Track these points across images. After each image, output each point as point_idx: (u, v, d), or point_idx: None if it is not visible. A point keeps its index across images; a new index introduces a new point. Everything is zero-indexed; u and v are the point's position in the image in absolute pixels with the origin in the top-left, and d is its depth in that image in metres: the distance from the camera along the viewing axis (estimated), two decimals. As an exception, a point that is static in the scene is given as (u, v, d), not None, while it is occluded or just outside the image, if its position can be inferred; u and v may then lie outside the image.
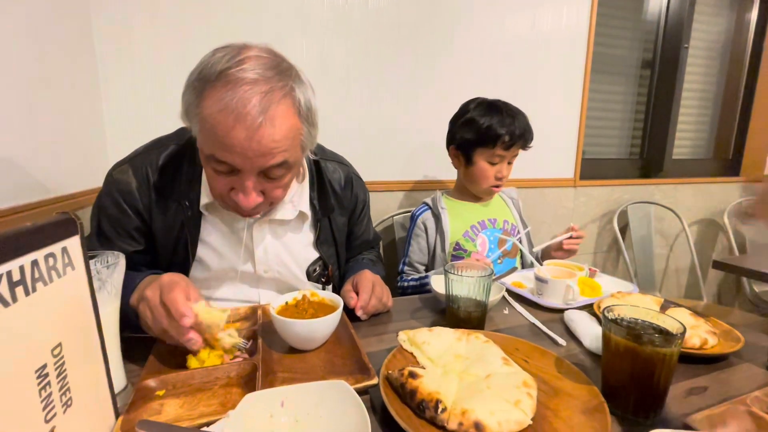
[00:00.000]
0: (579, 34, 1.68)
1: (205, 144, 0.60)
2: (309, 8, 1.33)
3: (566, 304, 0.80)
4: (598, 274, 0.98)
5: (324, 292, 0.69)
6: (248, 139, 0.56)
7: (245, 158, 0.58)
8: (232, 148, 0.57)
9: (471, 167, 1.13)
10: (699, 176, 2.15)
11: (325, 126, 1.42)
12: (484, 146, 1.09)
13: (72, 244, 0.38)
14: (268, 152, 0.59)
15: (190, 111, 0.60)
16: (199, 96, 0.58)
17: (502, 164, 1.12)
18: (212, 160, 0.60)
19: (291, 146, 0.62)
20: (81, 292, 0.39)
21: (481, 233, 1.16)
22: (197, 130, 0.60)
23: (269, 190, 0.65)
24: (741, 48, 2.21)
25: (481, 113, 1.09)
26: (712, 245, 2.23)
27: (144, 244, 0.74)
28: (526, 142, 1.11)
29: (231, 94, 0.55)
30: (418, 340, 0.59)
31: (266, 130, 0.57)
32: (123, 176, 0.71)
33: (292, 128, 0.61)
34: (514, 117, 1.08)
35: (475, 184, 1.16)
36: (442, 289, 0.77)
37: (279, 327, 0.59)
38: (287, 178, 0.66)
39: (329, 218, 0.85)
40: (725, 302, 2.35)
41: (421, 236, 1.18)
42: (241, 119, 0.55)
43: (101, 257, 0.50)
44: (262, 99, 0.56)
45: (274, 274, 0.80)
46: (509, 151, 1.10)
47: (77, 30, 1.08)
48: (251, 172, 0.61)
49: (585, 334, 0.66)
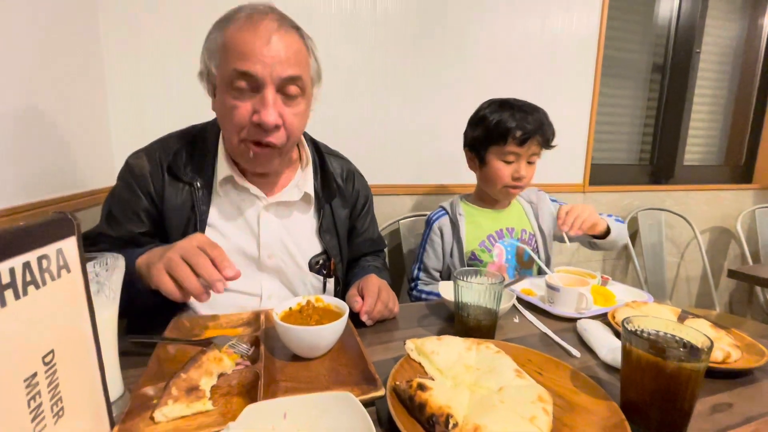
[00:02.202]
0: (589, 37, 1.66)
1: (228, 63, 0.65)
2: (316, 12, 1.32)
3: (579, 314, 0.77)
4: (610, 282, 0.95)
5: (329, 298, 0.66)
6: (265, 44, 0.64)
7: (264, 64, 0.64)
8: (252, 53, 0.63)
9: (485, 168, 1.08)
10: (710, 183, 2.11)
11: (333, 128, 1.44)
12: (496, 143, 1.03)
13: (68, 245, 0.36)
14: (284, 59, 0.65)
15: (212, 50, 0.68)
16: (222, 30, 0.66)
17: (518, 163, 1.04)
18: (235, 78, 0.65)
19: (303, 65, 0.69)
20: (76, 295, 0.37)
21: (498, 243, 1.11)
22: (218, 62, 0.67)
23: (287, 116, 0.69)
24: (754, 53, 2.17)
25: (493, 110, 1.04)
26: (724, 253, 2.18)
27: (149, 227, 0.76)
28: (545, 138, 1.03)
29: (249, 19, 0.65)
30: (427, 349, 0.57)
31: (280, 40, 0.65)
32: (138, 161, 0.76)
33: (302, 51, 0.69)
34: (527, 112, 1.02)
35: (490, 186, 1.10)
36: (450, 296, 0.75)
37: (282, 334, 0.57)
38: (302, 106, 0.71)
39: (331, 207, 0.87)
40: (737, 311, 2.30)
41: (436, 242, 1.13)
42: (259, 31, 0.64)
43: (100, 259, 0.48)
44: (276, 20, 0.67)
45: (277, 262, 0.80)
46: (524, 148, 1.02)
47: (84, 30, 1.08)
48: (270, 82, 0.65)
49: (600, 346, 0.64)
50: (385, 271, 0.98)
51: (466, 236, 1.10)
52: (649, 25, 1.96)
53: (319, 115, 1.37)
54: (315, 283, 0.85)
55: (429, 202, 1.57)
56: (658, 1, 1.95)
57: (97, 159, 1.12)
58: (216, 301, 0.74)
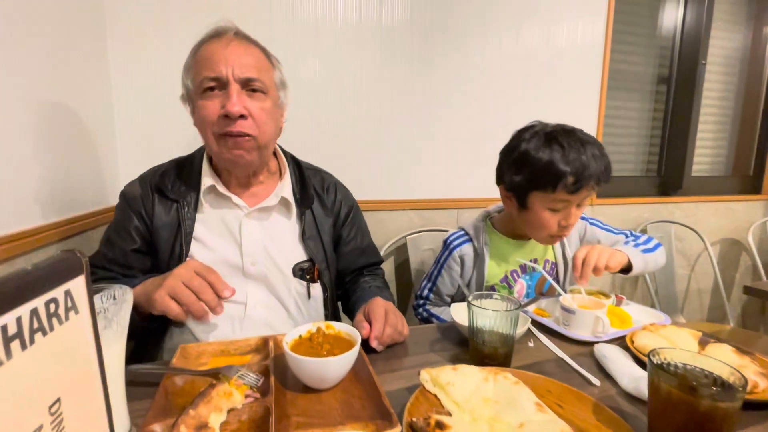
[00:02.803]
0: (594, 49, 1.66)
1: (198, 74, 0.74)
2: (322, 26, 1.33)
3: (595, 337, 0.75)
4: (625, 302, 0.93)
5: (340, 325, 0.65)
6: (226, 47, 0.73)
7: (226, 65, 0.72)
8: (216, 59, 0.72)
9: (526, 213, 0.91)
10: (718, 194, 2.08)
11: (337, 143, 1.43)
12: (542, 190, 0.86)
13: (76, 285, 0.35)
14: (244, 62, 0.73)
15: (187, 68, 0.76)
16: (194, 53, 0.76)
17: (568, 210, 0.87)
18: (204, 83, 0.73)
19: (263, 69, 0.77)
20: (84, 337, 0.36)
21: (520, 279, 1.02)
22: (192, 78, 0.75)
23: (252, 109, 0.74)
24: (759, 62, 2.16)
25: (537, 146, 0.85)
26: (735, 265, 2.15)
27: (141, 244, 0.81)
28: (599, 183, 0.85)
29: (214, 33, 0.76)
30: (442, 380, 0.55)
31: (239, 45, 0.75)
32: (130, 188, 0.84)
33: (262, 60, 0.78)
34: (581, 148, 0.83)
35: (532, 233, 0.96)
36: (462, 319, 0.73)
37: (293, 365, 0.56)
38: (268, 103, 0.77)
39: (313, 214, 0.89)
40: (750, 324, 2.25)
41: (455, 269, 1.03)
42: (222, 40, 0.74)
43: (107, 291, 0.47)
44: (239, 33, 0.77)
45: (261, 269, 0.82)
46: (577, 195, 0.85)
47: (92, 52, 1.09)
48: (233, 79, 0.72)
49: (621, 374, 0.61)
50: (387, 290, 0.97)
51: (489, 271, 1.01)
52: (652, 37, 1.96)
53: (324, 128, 1.39)
54: (299, 289, 0.86)
55: (436, 216, 1.55)
56: (662, 12, 1.95)
57: (104, 180, 1.12)
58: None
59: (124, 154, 1.21)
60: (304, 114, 1.36)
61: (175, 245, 0.79)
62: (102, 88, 1.13)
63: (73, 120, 0.97)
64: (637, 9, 1.88)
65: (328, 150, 1.41)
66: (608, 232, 1.07)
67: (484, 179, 1.54)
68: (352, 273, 0.98)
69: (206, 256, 0.80)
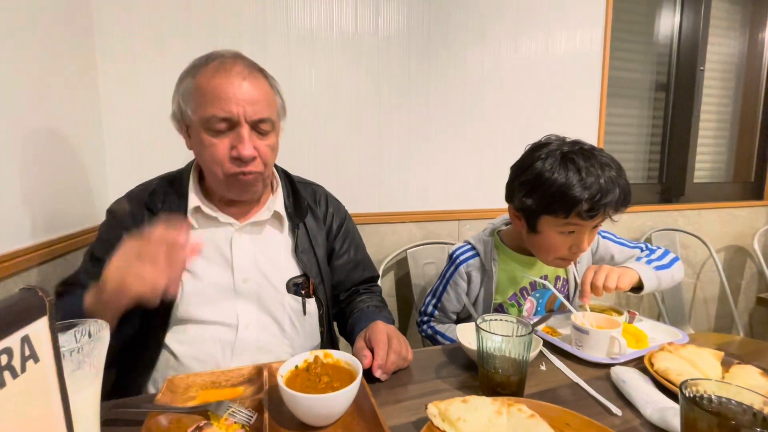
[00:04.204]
0: (594, 57, 1.64)
1: (204, 108, 0.70)
2: (317, 36, 1.30)
3: (611, 359, 0.71)
4: (638, 318, 0.89)
5: (339, 353, 0.60)
6: (239, 87, 0.70)
7: (239, 105, 0.69)
8: (228, 97, 0.69)
9: (535, 235, 0.87)
10: (720, 200, 2.06)
11: (334, 154, 1.40)
12: (554, 214, 0.80)
13: (36, 329, 0.30)
14: (255, 102, 0.71)
15: (186, 95, 0.72)
16: (194, 77, 0.71)
17: (581, 235, 0.82)
18: (213, 121, 0.70)
19: (271, 105, 0.75)
20: (45, 388, 0.31)
21: (530, 296, 0.98)
22: (193, 106, 0.71)
23: (261, 148, 0.74)
24: (756, 67, 2.16)
25: (552, 167, 0.79)
26: (740, 273, 2.11)
27: None
28: (617, 209, 0.80)
29: (221, 66, 0.71)
30: (452, 415, 0.50)
31: (251, 83, 0.71)
32: (118, 205, 0.80)
33: (269, 92, 0.75)
34: (598, 172, 0.77)
35: (540, 254, 0.91)
36: (469, 341, 0.69)
37: (288, 401, 0.51)
38: (273, 139, 0.76)
39: (306, 228, 0.86)
40: (758, 333, 2.21)
41: (461, 286, 0.98)
42: (233, 76, 0.70)
43: (81, 327, 0.42)
44: (245, 66, 0.73)
45: (253, 286, 0.78)
46: (590, 221, 0.80)
47: (81, 69, 1.06)
48: (245, 121, 0.70)
49: (644, 402, 0.57)
50: (386, 309, 0.93)
51: (497, 288, 0.96)
52: (651, 44, 1.95)
53: (320, 139, 1.35)
54: (294, 305, 0.82)
55: (437, 228, 1.51)
56: (658, 19, 1.95)
57: (92, 199, 1.08)
58: (191, 334, 0.75)
59: (113, 172, 1.17)
60: (300, 125, 1.33)
61: None
62: (90, 105, 1.10)
63: (59, 137, 0.93)
64: (634, 17, 1.87)
65: (324, 162, 1.37)
66: (622, 246, 1.02)
67: (485, 190, 1.50)
68: (347, 290, 0.94)
69: (198, 276, 0.76)
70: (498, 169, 0.96)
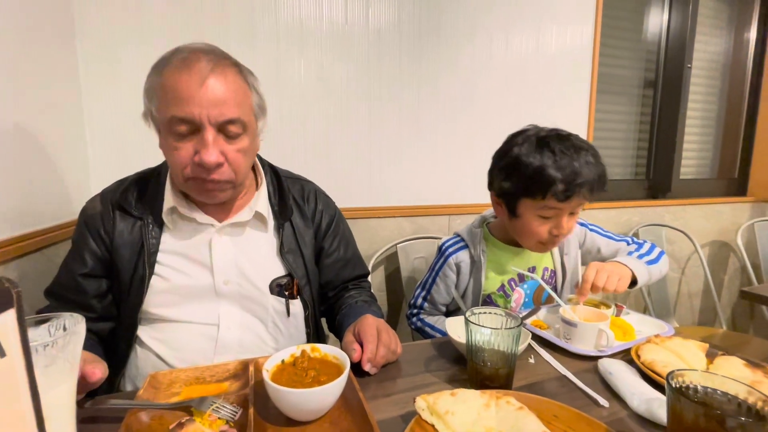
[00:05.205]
0: (584, 53, 1.65)
1: (166, 108, 0.64)
2: (307, 28, 1.28)
3: (599, 351, 0.71)
4: (625, 311, 0.90)
5: (326, 347, 0.59)
6: (199, 87, 0.62)
7: (201, 107, 0.62)
8: (188, 98, 0.62)
9: (516, 220, 0.89)
10: (705, 196, 2.09)
11: (324, 148, 1.38)
12: (532, 197, 0.83)
13: (3, 322, 0.29)
14: (220, 102, 0.63)
15: (150, 93, 0.66)
16: (159, 73, 0.64)
17: (559, 218, 0.84)
18: (173, 123, 0.63)
19: (242, 104, 0.67)
20: (14, 385, 0.30)
21: (518, 287, 0.98)
22: (157, 105, 0.65)
23: (229, 153, 0.67)
24: (741, 66, 2.20)
25: (528, 151, 0.82)
26: (724, 267, 2.16)
27: (92, 268, 0.73)
28: (593, 191, 0.82)
29: (184, 61, 0.63)
30: (440, 408, 0.50)
31: (216, 80, 0.63)
32: (91, 204, 0.76)
33: (241, 89, 0.67)
34: (573, 154, 0.80)
35: (521, 239, 0.93)
36: (458, 335, 0.68)
37: (274, 396, 0.50)
38: (245, 142, 0.69)
39: (293, 227, 0.82)
40: (740, 325, 2.26)
41: (450, 277, 0.98)
42: (193, 72, 0.62)
43: (56, 321, 0.40)
44: (211, 60, 0.64)
45: (234, 287, 0.75)
46: (567, 203, 0.82)
47: (61, 61, 1.02)
48: (209, 123, 0.64)
49: (630, 394, 0.57)
50: (375, 304, 0.91)
51: (486, 279, 0.97)
52: (638, 41, 1.97)
53: (310, 133, 1.33)
54: (278, 307, 0.79)
55: (427, 223, 1.51)
56: (647, 17, 1.96)
57: (73, 192, 1.04)
58: (170, 333, 0.74)
59: (95, 166, 1.14)
60: (289, 118, 1.30)
61: (138, 265, 0.72)
62: (71, 95, 1.06)
63: (37, 131, 0.90)
64: (623, 14, 1.88)
65: (314, 156, 1.35)
66: (609, 239, 1.04)
67: (476, 185, 1.50)
68: (336, 288, 0.91)
69: (173, 275, 0.73)
70: (488, 164, 0.95)
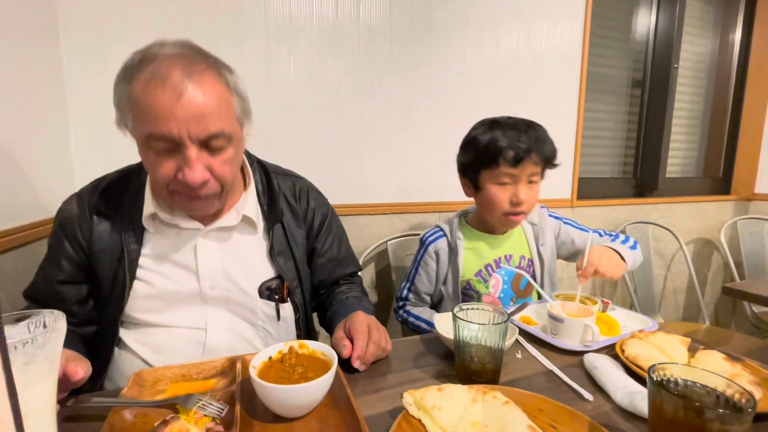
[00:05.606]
0: (573, 52, 1.66)
1: (141, 125, 0.59)
2: (297, 25, 1.27)
3: (585, 346, 0.72)
4: (610, 307, 0.91)
5: (314, 343, 0.59)
6: (176, 102, 0.57)
7: (178, 124, 0.57)
8: (164, 114, 0.57)
9: (480, 194, 0.98)
10: (691, 194, 2.13)
11: (315, 145, 1.37)
12: (487, 166, 0.94)
13: (-23, 319, 0.28)
14: (200, 116, 0.59)
15: (122, 104, 0.61)
16: (129, 83, 0.59)
17: (516, 186, 0.94)
18: (151, 140, 0.59)
19: (224, 115, 0.62)
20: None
21: (495, 273, 1.02)
22: (131, 119, 0.61)
23: (215, 166, 0.63)
24: (726, 67, 2.24)
25: (483, 131, 0.96)
26: (708, 264, 2.20)
27: (69, 274, 0.71)
28: (543, 156, 0.93)
29: (154, 68, 0.58)
30: (427, 404, 0.50)
31: (192, 93, 0.58)
32: (67, 206, 0.72)
33: (221, 97, 0.62)
34: (521, 129, 0.93)
35: (489, 214, 1.00)
36: (446, 331, 0.69)
37: (260, 393, 0.50)
38: (230, 153, 0.65)
39: (284, 228, 0.80)
40: (722, 321, 2.32)
41: (431, 265, 1.04)
42: (167, 85, 0.57)
43: (36, 318, 0.40)
44: (185, 68, 0.58)
45: (222, 291, 0.73)
46: (519, 169, 0.92)
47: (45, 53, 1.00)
48: (190, 141, 0.59)
49: (614, 388, 0.58)
50: (366, 300, 0.90)
51: (464, 265, 1.02)
52: (627, 41, 1.99)
53: (300, 129, 1.32)
54: (267, 311, 0.77)
55: (418, 220, 1.51)
56: (635, 17, 1.98)
57: (56, 188, 1.02)
58: (156, 338, 0.72)
59: (79, 160, 1.12)
60: (279, 115, 1.29)
61: (117, 272, 0.70)
62: (54, 91, 1.04)
63: (18, 126, 0.88)
64: (612, 14, 1.90)
65: (304, 152, 1.34)
66: (582, 231, 1.10)
67: (466, 182, 1.51)
68: (328, 286, 0.90)
69: (157, 280, 0.71)
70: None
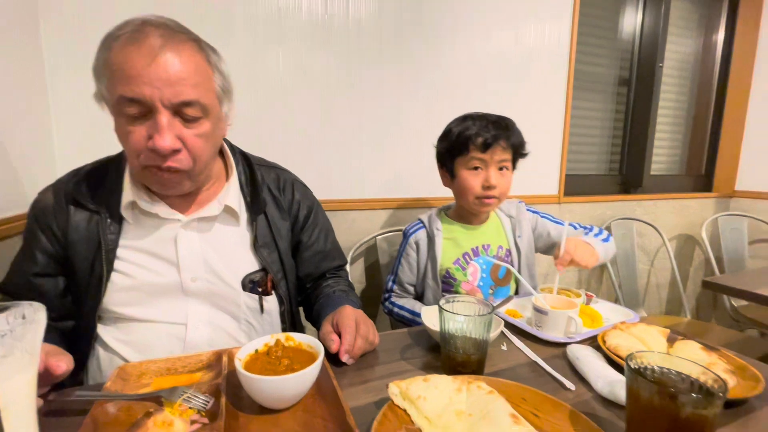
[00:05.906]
0: (561, 50, 1.68)
1: (113, 86, 0.58)
2: (286, 18, 1.26)
3: (568, 338, 0.74)
4: (594, 300, 0.93)
5: (301, 336, 0.59)
6: (150, 62, 0.56)
7: (152, 87, 0.57)
8: (137, 76, 0.56)
9: (455, 181, 1.05)
10: (674, 191, 2.18)
11: (303, 140, 1.36)
12: (460, 153, 1.01)
13: (-49, 308, 0.27)
14: (175, 80, 0.58)
15: (99, 70, 0.60)
16: (108, 48, 0.59)
17: (487, 171, 1.00)
18: (123, 104, 0.58)
19: (202, 85, 0.61)
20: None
21: (473, 261, 1.07)
22: (105, 85, 0.60)
23: (188, 138, 0.62)
24: (709, 67, 2.28)
25: (457, 123, 1.03)
26: (690, 260, 2.26)
27: (44, 267, 0.70)
28: (510, 143, 1.00)
29: (133, 34, 0.57)
30: (412, 394, 0.51)
31: (169, 57, 0.57)
32: (42, 196, 0.71)
33: (200, 67, 0.62)
34: (490, 120, 1.00)
35: (464, 199, 1.05)
36: (432, 323, 0.69)
37: (246, 385, 0.50)
38: (206, 127, 0.64)
39: (267, 219, 0.79)
40: (703, 315, 2.38)
41: (412, 256, 1.09)
42: (144, 47, 0.56)
43: (15, 310, 0.39)
44: (165, 35, 0.58)
45: (204, 284, 0.72)
46: (488, 154, 0.98)
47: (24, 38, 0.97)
48: (162, 105, 0.58)
49: (595, 377, 0.60)
50: (353, 293, 0.90)
51: (442, 254, 1.06)
52: (614, 40, 2.02)
53: (289, 124, 1.32)
54: (250, 303, 0.76)
55: (406, 215, 1.52)
56: (622, 16, 2.01)
57: (40, 179, 1.00)
58: (135, 334, 0.70)
59: (61, 152, 1.09)
60: (267, 109, 1.28)
61: (95, 263, 0.68)
62: (34, 81, 1.01)
63: None
64: (599, 12, 1.93)
65: (293, 147, 1.34)
66: (557, 224, 1.14)
67: (455, 178, 1.51)
68: (314, 279, 0.89)
69: (136, 272, 0.69)
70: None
